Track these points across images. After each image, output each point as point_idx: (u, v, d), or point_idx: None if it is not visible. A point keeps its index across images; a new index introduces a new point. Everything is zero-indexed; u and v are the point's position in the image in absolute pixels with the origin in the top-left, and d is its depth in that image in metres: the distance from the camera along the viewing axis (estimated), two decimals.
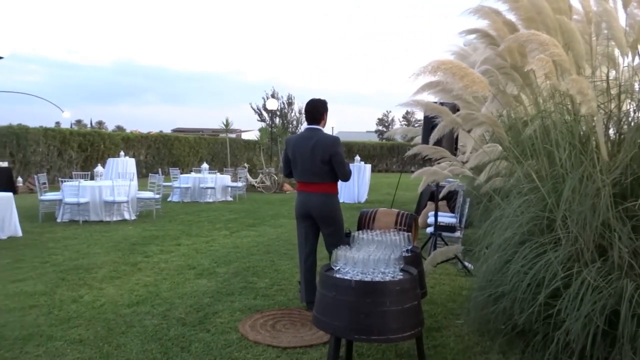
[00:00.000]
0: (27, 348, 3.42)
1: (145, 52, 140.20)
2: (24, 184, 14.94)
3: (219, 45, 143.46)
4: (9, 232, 7.37)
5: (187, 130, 58.96)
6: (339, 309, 2.64)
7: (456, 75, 2.90)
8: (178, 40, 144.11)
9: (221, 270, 5.70)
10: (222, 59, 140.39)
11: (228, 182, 13.60)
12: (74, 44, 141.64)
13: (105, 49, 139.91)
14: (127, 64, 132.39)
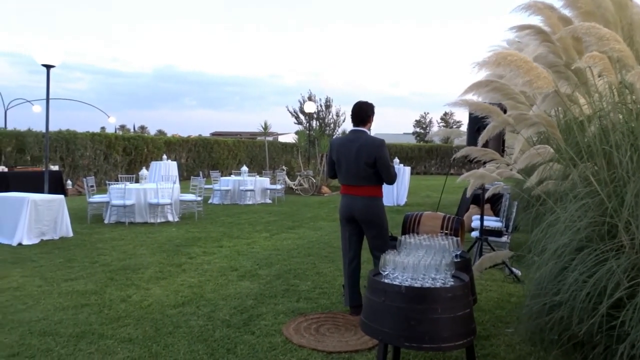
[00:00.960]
0: (80, 345, 3.52)
1: (184, 59, 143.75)
2: (73, 186, 15.54)
3: (255, 49, 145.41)
4: (60, 232, 7.65)
5: (225, 133, 60.07)
6: (388, 315, 2.58)
7: (521, 69, 2.78)
8: (216, 46, 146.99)
9: (263, 272, 5.73)
10: (258, 63, 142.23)
11: (267, 185, 13.71)
12: (119, 52, 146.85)
13: (147, 57, 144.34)
14: (167, 70, 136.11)
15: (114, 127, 31.69)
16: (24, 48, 53.75)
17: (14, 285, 4.99)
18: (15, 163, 14.67)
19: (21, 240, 7.10)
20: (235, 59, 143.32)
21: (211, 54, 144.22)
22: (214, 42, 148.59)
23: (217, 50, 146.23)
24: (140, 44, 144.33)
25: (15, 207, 7.26)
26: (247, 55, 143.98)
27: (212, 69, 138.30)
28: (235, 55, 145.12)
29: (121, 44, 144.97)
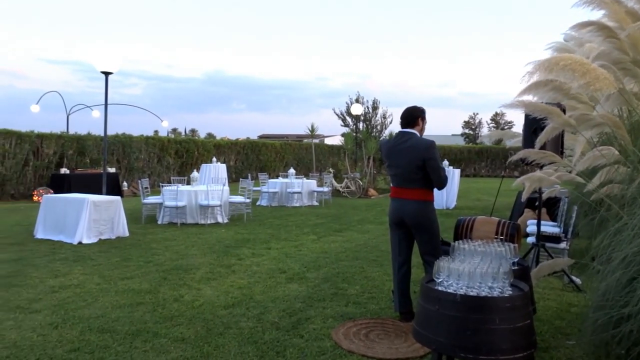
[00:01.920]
0: (135, 343, 3.63)
1: (233, 63, 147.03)
2: (128, 188, 16.18)
3: (302, 53, 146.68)
4: (117, 232, 7.97)
5: (272, 136, 60.96)
6: (442, 324, 2.49)
7: (576, 72, 2.63)
8: (263, 51, 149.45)
9: (311, 275, 5.72)
10: (305, 66, 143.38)
11: (314, 187, 13.75)
12: (171, 58, 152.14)
13: (198, 62, 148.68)
14: (217, 75, 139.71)
15: (166, 131, 32.80)
16: (85, 56, 57.48)
17: (75, 283, 5.23)
18: (76, 165, 15.44)
19: (81, 239, 7.44)
20: (282, 63, 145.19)
21: (259, 59, 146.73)
22: (262, 47, 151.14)
23: (264, 55, 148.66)
24: (191, 50, 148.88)
25: (76, 208, 7.62)
26: (294, 59, 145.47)
27: (259, 73, 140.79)
28: (283, 59, 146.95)
29: (174, 51, 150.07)
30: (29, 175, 14.40)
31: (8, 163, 13.78)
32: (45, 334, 3.77)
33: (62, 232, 7.71)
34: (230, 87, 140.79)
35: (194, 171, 11.12)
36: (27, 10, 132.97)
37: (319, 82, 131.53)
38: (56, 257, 6.43)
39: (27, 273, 5.59)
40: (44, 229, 7.94)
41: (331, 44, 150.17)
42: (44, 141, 14.74)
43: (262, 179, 14.10)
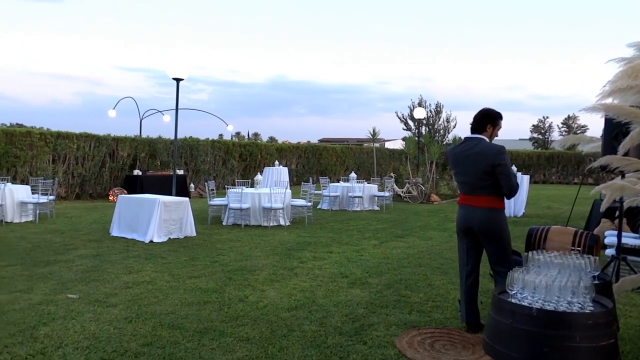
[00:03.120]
0: (203, 341, 3.75)
1: (295, 69, 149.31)
2: (195, 189, 16.83)
3: (364, 57, 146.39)
4: (185, 232, 8.29)
5: (333, 140, 61.22)
6: (516, 339, 2.38)
7: None
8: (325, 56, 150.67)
9: (373, 281, 5.67)
10: (366, 70, 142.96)
11: (375, 192, 13.65)
12: (235, 64, 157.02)
13: (261, 68, 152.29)
14: (279, 80, 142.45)
15: (230, 135, 33.78)
16: (157, 64, 60.85)
17: (147, 279, 5.49)
18: (147, 167, 16.27)
19: (152, 237, 7.81)
20: (343, 68, 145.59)
21: (320, 64, 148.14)
22: (323, 52, 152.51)
23: (326, 60, 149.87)
24: (255, 56, 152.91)
25: (148, 208, 8.01)
26: (355, 63, 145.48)
27: (321, 77, 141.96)
28: (344, 64, 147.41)
29: (239, 57, 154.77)
30: (106, 176, 15.33)
31: (87, 164, 14.75)
32: (120, 327, 3.98)
33: (135, 231, 8.13)
34: (292, 92, 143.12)
35: (257, 174, 11.38)
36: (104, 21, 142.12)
37: (380, 86, 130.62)
38: (130, 255, 6.79)
39: (104, 269, 5.94)
40: (119, 227, 8.41)
41: (392, 48, 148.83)
42: (119, 144, 15.65)
43: (323, 183, 14.17)
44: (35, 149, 13.41)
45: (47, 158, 13.79)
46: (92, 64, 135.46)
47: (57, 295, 4.81)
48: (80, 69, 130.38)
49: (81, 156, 14.62)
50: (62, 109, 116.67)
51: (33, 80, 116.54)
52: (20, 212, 9.84)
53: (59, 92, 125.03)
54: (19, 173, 13.05)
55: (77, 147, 14.43)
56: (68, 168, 14.36)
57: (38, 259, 6.35)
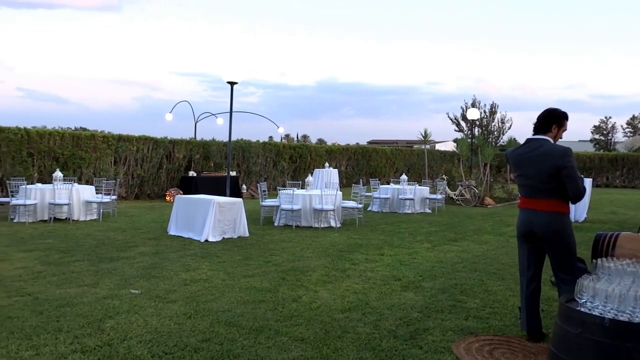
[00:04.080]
0: (259, 339, 3.81)
1: (345, 71, 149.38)
2: (247, 190, 17.17)
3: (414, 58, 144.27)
4: (238, 232, 8.48)
5: (382, 141, 60.73)
6: (586, 350, 2.26)
7: None
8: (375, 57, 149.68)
9: (427, 284, 5.57)
10: (417, 71, 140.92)
11: (427, 194, 13.43)
12: (286, 67, 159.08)
13: (311, 71, 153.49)
14: (328, 82, 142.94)
15: (280, 137, 34.23)
16: (211, 68, 63.19)
17: (203, 277, 5.65)
18: (202, 169, 16.77)
19: (208, 237, 8.03)
20: (393, 69, 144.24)
21: (370, 65, 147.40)
22: (373, 54, 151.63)
23: (375, 61, 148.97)
24: (305, 59, 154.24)
25: (203, 208, 8.25)
26: (405, 64, 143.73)
27: (370, 79, 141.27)
28: (394, 65, 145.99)
29: (289, 60, 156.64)
30: (163, 177, 15.93)
31: (146, 166, 15.38)
32: (180, 322, 4.12)
33: (191, 230, 8.39)
34: (341, 94, 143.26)
35: (308, 175, 11.46)
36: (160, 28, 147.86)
37: (431, 87, 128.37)
38: (187, 253, 7.01)
39: (163, 266, 6.17)
40: (176, 227, 8.71)
41: (443, 48, 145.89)
42: (175, 146, 16.22)
43: (373, 185, 14.10)
44: (98, 151, 14.12)
45: (109, 160, 14.50)
46: (149, 70, 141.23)
47: (121, 290, 5.04)
48: (139, 75, 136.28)
49: (140, 158, 15.26)
50: (122, 113, 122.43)
51: (95, 86, 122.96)
52: (85, 210, 10.39)
53: (119, 97, 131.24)
54: (84, 174, 13.79)
55: (136, 150, 15.08)
56: (128, 169, 15.03)
57: (103, 255, 6.68)
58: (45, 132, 13.37)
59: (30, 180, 12.21)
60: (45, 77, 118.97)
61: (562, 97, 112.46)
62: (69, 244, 7.51)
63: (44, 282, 5.24)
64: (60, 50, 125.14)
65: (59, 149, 13.31)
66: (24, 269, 5.83)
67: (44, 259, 6.37)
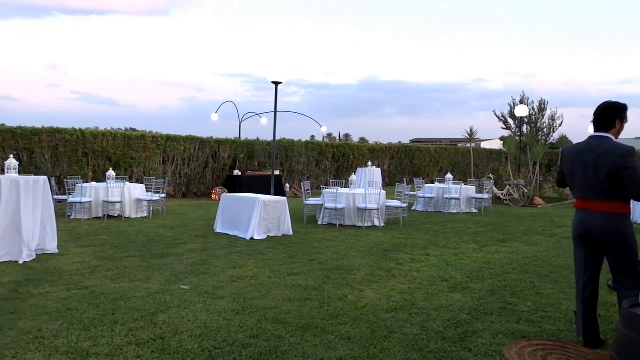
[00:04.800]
0: (306, 336, 3.83)
1: (387, 69, 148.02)
2: (290, 189, 17.32)
3: (458, 56, 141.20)
4: (283, 230, 8.56)
5: (425, 140, 59.84)
6: None
7: None
8: (417, 55, 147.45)
9: (475, 286, 5.44)
10: (461, 69, 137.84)
11: (473, 194, 13.12)
12: (328, 67, 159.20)
13: (353, 70, 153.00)
14: (370, 81, 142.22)
15: (322, 136, 34.33)
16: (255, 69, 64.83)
17: (250, 274, 5.74)
18: (246, 168, 17.04)
19: (253, 235, 8.15)
20: (436, 66, 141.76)
21: (412, 63, 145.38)
22: (416, 51, 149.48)
23: (418, 59, 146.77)
24: (347, 59, 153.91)
25: (249, 206, 8.38)
26: (449, 61, 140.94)
27: (412, 77, 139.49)
28: (437, 62, 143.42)
29: (331, 59, 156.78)
30: (208, 176, 16.30)
31: (192, 165, 15.79)
32: (228, 318, 4.20)
33: (236, 228, 8.55)
34: (383, 92, 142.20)
35: (352, 174, 11.42)
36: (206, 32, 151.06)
37: (476, 84, 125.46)
38: (233, 250, 7.14)
39: (210, 263, 6.31)
40: (222, 224, 8.89)
41: (489, 44, 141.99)
42: (220, 146, 16.57)
43: (417, 184, 13.91)
44: (148, 151, 14.62)
45: (158, 159, 14.97)
46: (195, 72, 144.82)
47: (171, 285, 5.19)
48: (185, 77, 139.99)
49: (187, 157, 15.68)
50: (169, 113, 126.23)
51: (144, 88, 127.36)
52: (136, 208, 10.78)
53: (167, 98, 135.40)
54: (134, 173, 14.31)
55: (183, 149, 15.50)
56: (176, 168, 15.47)
57: (153, 252, 6.91)
58: (98, 132, 13.97)
59: (86, 179, 12.79)
60: (98, 80, 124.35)
61: (617, 92, 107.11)
62: (122, 240, 7.81)
63: (100, 277, 5.47)
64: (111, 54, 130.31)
65: (112, 149, 13.87)
66: (81, 263, 6.11)
67: (99, 254, 6.65)
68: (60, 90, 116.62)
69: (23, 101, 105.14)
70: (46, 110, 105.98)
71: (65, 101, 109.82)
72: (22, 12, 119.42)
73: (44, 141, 12.63)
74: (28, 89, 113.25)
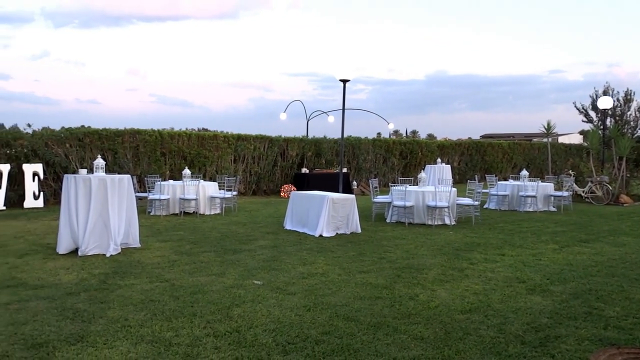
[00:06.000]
0: (378, 335, 3.80)
1: (455, 63, 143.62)
2: (357, 187, 17.30)
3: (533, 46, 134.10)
4: (351, 228, 8.56)
5: (496, 135, 57.42)
6: None
7: None
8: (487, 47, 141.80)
9: (556, 289, 5.15)
10: (536, 59, 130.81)
11: (551, 191, 12.42)
12: (394, 63, 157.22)
13: (420, 65, 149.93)
14: (438, 76, 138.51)
15: (388, 133, 33.95)
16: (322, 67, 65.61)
17: (320, 271, 5.79)
18: (313, 166, 17.23)
19: (322, 232, 8.22)
20: (508, 58, 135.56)
21: (482, 56, 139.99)
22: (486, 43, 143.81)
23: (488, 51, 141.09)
24: (413, 53, 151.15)
25: (318, 204, 8.46)
26: (522, 52, 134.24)
27: (483, 70, 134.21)
28: (509, 54, 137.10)
29: (397, 55, 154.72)
30: (277, 173, 16.66)
31: (262, 163, 16.20)
32: (300, 314, 4.26)
33: (305, 225, 8.66)
34: (452, 87, 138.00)
35: (421, 172, 11.20)
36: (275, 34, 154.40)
37: (552, 75, 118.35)
38: (303, 247, 7.24)
39: (281, 259, 6.43)
40: (292, 221, 9.04)
41: (566, 32, 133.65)
42: (288, 144, 16.86)
43: (490, 181, 13.39)
44: (220, 150, 15.17)
45: (229, 158, 15.51)
46: (263, 72, 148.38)
47: (245, 280, 5.35)
48: (253, 78, 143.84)
49: (257, 156, 16.11)
50: (238, 113, 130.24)
51: (215, 89, 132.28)
52: (210, 205, 11.23)
53: (236, 99, 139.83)
54: (207, 171, 14.91)
55: (253, 148, 15.93)
56: (246, 167, 15.94)
57: (227, 247, 7.16)
58: (175, 133, 14.69)
59: (163, 177, 13.49)
60: (173, 83, 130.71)
61: None
62: (197, 236, 8.16)
63: (179, 270, 5.75)
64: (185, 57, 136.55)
65: (187, 148, 14.54)
66: (161, 257, 6.45)
67: (177, 249, 6.99)
68: (139, 93, 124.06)
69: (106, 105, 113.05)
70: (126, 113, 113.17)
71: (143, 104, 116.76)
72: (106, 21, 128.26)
73: (126, 142, 13.48)
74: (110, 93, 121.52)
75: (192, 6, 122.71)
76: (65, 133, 12.67)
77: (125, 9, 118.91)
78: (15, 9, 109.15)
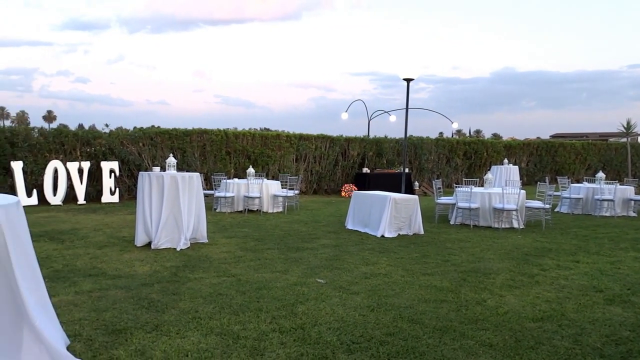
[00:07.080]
0: (444, 339, 3.72)
1: (524, 59, 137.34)
2: (419, 187, 17.00)
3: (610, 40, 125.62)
4: (414, 229, 8.43)
5: (567, 135, 54.45)
6: None
7: None
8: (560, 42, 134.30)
9: (638, 300, 4.80)
10: (613, 54, 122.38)
11: (631, 195, 11.61)
12: (458, 61, 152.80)
13: (486, 62, 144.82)
14: (505, 73, 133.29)
15: (451, 132, 33.07)
16: (384, 67, 64.87)
17: (382, 272, 5.75)
18: (374, 166, 17.12)
19: (384, 232, 8.16)
20: (582, 54, 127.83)
21: (554, 51, 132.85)
22: (558, 38, 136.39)
23: (561, 46, 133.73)
24: (478, 50, 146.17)
25: (380, 204, 8.40)
26: (597, 48, 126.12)
27: (554, 66, 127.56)
28: (583, 49, 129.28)
29: (461, 53, 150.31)
30: (338, 173, 16.70)
31: (323, 163, 16.30)
32: (364, 314, 4.25)
33: (367, 225, 8.62)
34: (520, 84, 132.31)
35: (488, 173, 10.82)
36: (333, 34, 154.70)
37: (631, 71, 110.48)
38: (365, 247, 7.22)
39: (343, 258, 6.45)
40: (353, 221, 9.04)
41: None
42: (350, 144, 16.86)
43: (562, 183, 12.72)
44: (282, 150, 15.43)
45: (291, 157, 15.73)
46: (324, 72, 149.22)
47: (308, 278, 5.41)
48: (315, 77, 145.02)
49: (318, 155, 16.24)
50: (300, 113, 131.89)
51: (277, 90, 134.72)
52: (273, 204, 11.45)
53: (298, 99, 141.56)
54: (270, 170, 15.22)
55: (315, 148, 16.08)
56: (307, 166, 16.11)
57: (290, 245, 7.27)
58: (239, 133, 15.11)
59: (228, 175, 13.92)
60: (237, 84, 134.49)
61: None
62: (261, 233, 8.35)
63: (244, 266, 5.91)
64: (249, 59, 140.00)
65: (251, 147, 14.91)
66: (228, 253, 6.66)
67: (242, 245, 7.19)
68: (205, 94, 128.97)
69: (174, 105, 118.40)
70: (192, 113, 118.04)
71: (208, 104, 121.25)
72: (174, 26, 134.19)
73: (194, 141, 14.04)
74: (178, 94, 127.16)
75: (256, 9, 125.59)
76: (138, 133, 13.39)
77: (194, 13, 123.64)
78: (94, 17, 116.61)
